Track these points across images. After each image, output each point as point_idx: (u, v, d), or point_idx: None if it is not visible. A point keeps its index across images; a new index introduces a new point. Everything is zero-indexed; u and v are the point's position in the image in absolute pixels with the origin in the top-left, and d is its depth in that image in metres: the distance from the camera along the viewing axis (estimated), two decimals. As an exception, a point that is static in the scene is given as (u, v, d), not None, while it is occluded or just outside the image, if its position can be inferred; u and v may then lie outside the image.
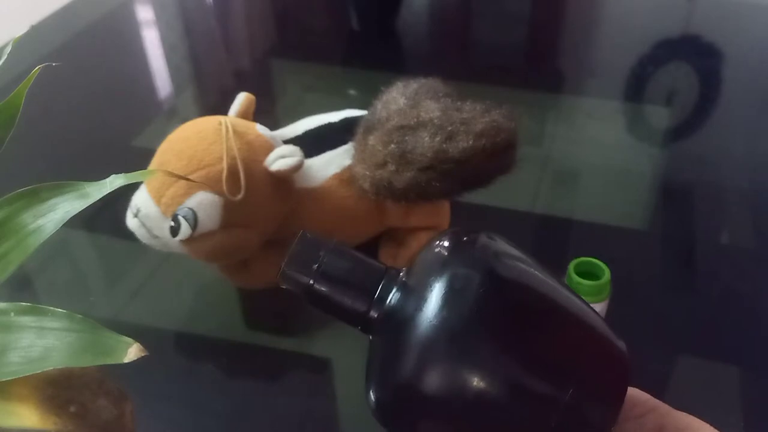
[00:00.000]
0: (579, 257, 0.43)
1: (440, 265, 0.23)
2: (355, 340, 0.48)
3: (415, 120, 0.44)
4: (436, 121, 0.44)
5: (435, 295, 0.22)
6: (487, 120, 0.44)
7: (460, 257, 0.23)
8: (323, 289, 0.24)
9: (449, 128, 0.43)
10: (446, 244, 0.24)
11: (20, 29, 0.33)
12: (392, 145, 0.44)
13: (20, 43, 0.32)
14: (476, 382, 0.21)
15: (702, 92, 0.79)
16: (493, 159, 0.44)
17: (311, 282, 0.24)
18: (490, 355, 0.21)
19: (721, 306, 0.51)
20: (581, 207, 0.61)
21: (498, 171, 0.46)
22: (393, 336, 0.23)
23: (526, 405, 0.21)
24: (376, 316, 0.24)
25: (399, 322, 0.23)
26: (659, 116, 0.75)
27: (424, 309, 0.22)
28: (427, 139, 0.43)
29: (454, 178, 0.44)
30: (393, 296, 0.24)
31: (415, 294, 0.23)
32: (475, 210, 0.56)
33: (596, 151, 0.68)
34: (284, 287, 0.25)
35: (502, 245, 0.23)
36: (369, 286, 0.24)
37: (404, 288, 0.24)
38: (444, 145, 0.43)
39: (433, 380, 0.21)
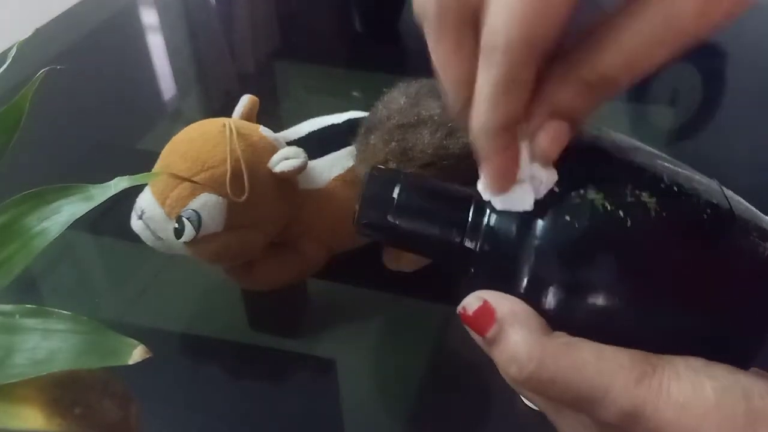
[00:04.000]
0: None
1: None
2: (360, 341, 0.48)
3: (416, 118, 0.44)
4: (436, 117, 0.44)
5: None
6: None
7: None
8: (406, 224, 0.22)
9: (450, 125, 0.44)
10: None
11: (25, 33, 0.33)
12: (393, 143, 0.44)
13: (25, 47, 0.32)
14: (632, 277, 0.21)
15: (706, 92, 0.79)
16: None
17: (391, 218, 0.22)
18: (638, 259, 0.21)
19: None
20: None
21: None
22: (507, 257, 0.21)
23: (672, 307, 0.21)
24: (473, 245, 0.22)
25: (509, 241, 0.21)
26: (663, 116, 0.75)
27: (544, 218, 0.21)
28: (427, 135, 0.43)
29: (455, 174, 0.44)
30: (490, 219, 0.22)
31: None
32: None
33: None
34: (362, 228, 0.23)
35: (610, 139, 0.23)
36: (458, 215, 0.23)
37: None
38: (444, 141, 0.43)
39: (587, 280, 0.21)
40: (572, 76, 0.20)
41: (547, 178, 0.22)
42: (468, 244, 0.22)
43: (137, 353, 0.24)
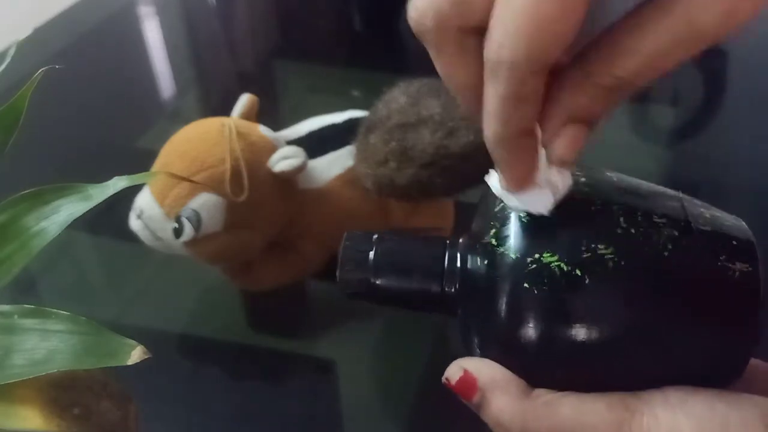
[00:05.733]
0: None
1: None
2: (360, 342, 0.48)
3: (416, 117, 0.44)
4: (436, 117, 0.44)
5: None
6: None
7: None
8: (386, 282, 0.23)
9: (450, 124, 0.43)
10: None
11: (24, 32, 0.33)
12: (393, 143, 0.44)
13: (24, 46, 0.32)
14: (610, 316, 0.21)
15: (707, 92, 0.79)
16: None
17: (372, 279, 0.23)
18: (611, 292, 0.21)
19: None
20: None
21: None
22: (490, 296, 0.22)
23: (648, 336, 0.21)
24: (453, 291, 0.23)
25: (489, 280, 0.22)
26: (664, 116, 0.75)
27: (517, 254, 0.21)
28: (427, 135, 0.43)
29: (455, 174, 0.44)
30: (467, 262, 0.23)
31: (495, 245, 0.22)
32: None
33: (601, 151, 0.68)
34: (347, 295, 0.23)
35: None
36: (434, 264, 0.23)
37: (480, 249, 0.23)
38: (445, 141, 0.43)
39: (566, 323, 0.21)
40: (588, 81, 0.20)
41: (563, 183, 0.22)
42: (448, 289, 0.23)
43: (136, 354, 0.24)
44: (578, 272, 0.21)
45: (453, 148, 0.43)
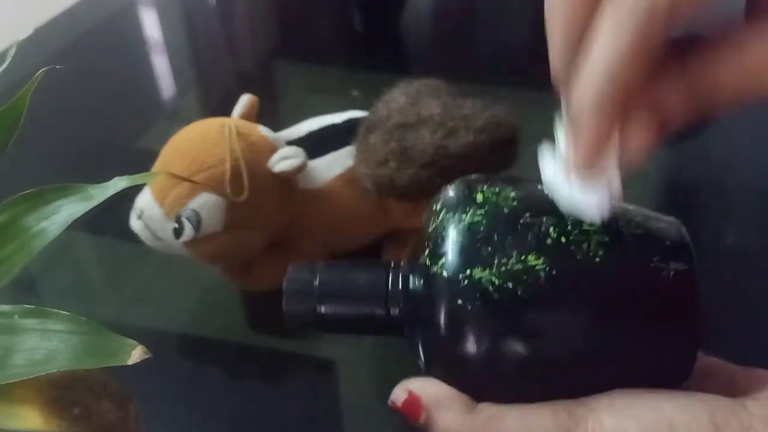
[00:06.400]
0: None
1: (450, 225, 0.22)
2: (360, 342, 0.48)
3: (416, 117, 0.44)
4: (436, 117, 0.44)
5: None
6: (488, 115, 0.44)
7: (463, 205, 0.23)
8: (332, 310, 0.23)
9: (450, 124, 0.43)
10: (440, 202, 0.24)
11: (24, 32, 0.33)
12: (393, 143, 0.44)
13: (24, 46, 0.32)
14: (553, 328, 0.21)
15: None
16: (494, 154, 0.44)
17: (317, 308, 0.23)
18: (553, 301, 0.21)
19: (726, 307, 0.51)
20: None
21: (498, 166, 0.46)
22: (429, 315, 0.22)
23: (593, 348, 0.21)
24: (398, 312, 0.23)
25: (427, 300, 0.22)
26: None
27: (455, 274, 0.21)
28: (427, 135, 0.43)
29: (455, 174, 0.44)
30: (410, 283, 0.23)
31: (434, 265, 0.22)
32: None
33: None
34: (292, 327, 0.24)
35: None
36: (377, 287, 0.23)
37: (417, 269, 0.23)
38: (444, 141, 0.43)
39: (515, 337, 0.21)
40: (684, 82, 0.19)
41: (617, 190, 0.21)
42: (393, 311, 0.23)
43: (136, 354, 0.24)
44: (510, 285, 0.21)
45: (453, 148, 0.43)
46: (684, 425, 0.20)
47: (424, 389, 0.23)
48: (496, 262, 0.21)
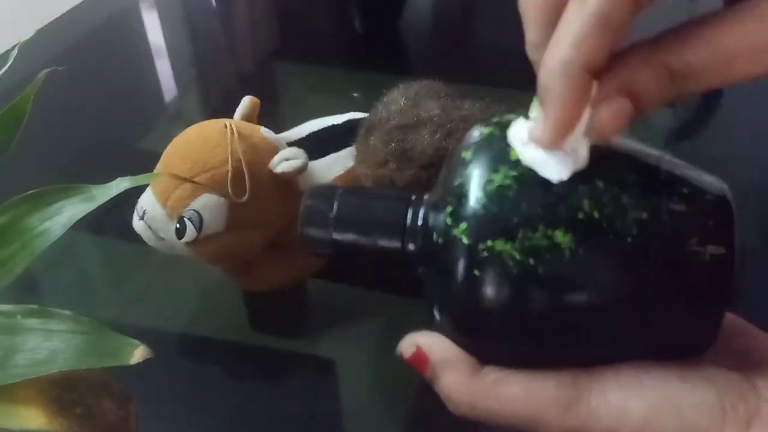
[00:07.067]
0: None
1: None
2: (360, 342, 0.48)
3: (415, 119, 0.44)
4: (435, 119, 0.44)
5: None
6: (487, 116, 0.44)
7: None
8: (347, 238, 0.22)
9: (449, 125, 0.44)
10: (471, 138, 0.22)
11: (26, 33, 0.33)
12: (393, 144, 0.44)
13: (26, 47, 0.32)
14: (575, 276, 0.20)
15: (706, 92, 0.79)
16: None
17: (333, 235, 0.22)
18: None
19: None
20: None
21: None
22: (445, 274, 0.21)
23: (618, 307, 0.20)
24: (415, 247, 0.22)
25: (445, 260, 0.21)
26: (663, 116, 0.75)
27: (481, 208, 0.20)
28: (427, 136, 0.43)
29: None
30: (430, 219, 0.22)
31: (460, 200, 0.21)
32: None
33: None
34: (308, 251, 0.23)
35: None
36: (396, 220, 0.22)
37: (438, 222, 0.22)
38: (444, 142, 0.43)
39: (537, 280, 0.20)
40: (656, 59, 0.19)
41: (582, 158, 0.21)
42: (409, 247, 0.22)
43: (138, 353, 0.25)
44: (531, 262, 0.20)
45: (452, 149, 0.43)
46: (691, 407, 0.19)
47: (432, 347, 0.23)
48: (520, 235, 0.20)
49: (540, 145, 0.21)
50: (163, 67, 0.86)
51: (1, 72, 0.31)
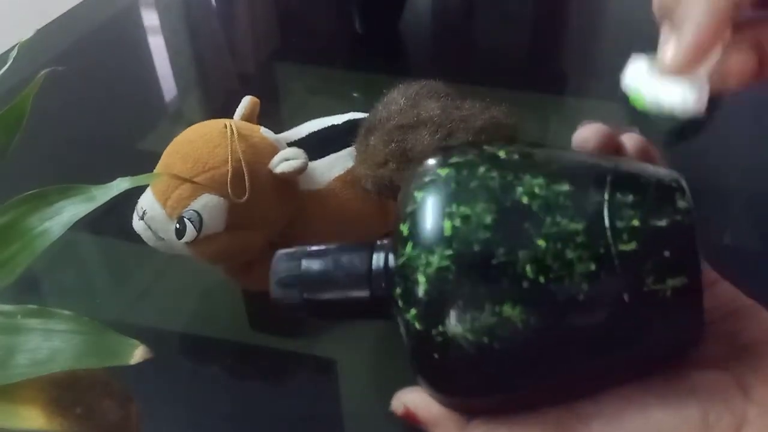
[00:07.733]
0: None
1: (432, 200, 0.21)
2: (360, 342, 0.48)
3: (415, 119, 0.44)
4: (435, 119, 0.44)
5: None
6: (487, 117, 0.44)
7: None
8: (317, 296, 0.23)
9: (449, 125, 0.44)
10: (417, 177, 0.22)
11: (26, 33, 0.33)
12: (393, 144, 0.44)
13: (26, 48, 0.32)
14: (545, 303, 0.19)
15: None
16: None
17: (303, 295, 0.23)
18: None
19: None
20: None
21: None
22: (411, 334, 0.21)
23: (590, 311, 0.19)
24: (383, 293, 0.22)
25: (410, 341, 0.21)
26: (662, 117, 0.75)
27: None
28: (427, 136, 0.43)
29: None
30: (388, 264, 0.22)
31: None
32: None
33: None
34: (283, 314, 0.23)
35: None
36: (360, 269, 0.22)
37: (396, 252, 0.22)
38: (444, 142, 0.43)
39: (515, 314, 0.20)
40: None
41: (704, 102, 0.21)
42: (377, 292, 0.22)
43: (138, 353, 0.25)
44: (485, 340, 0.19)
45: (452, 149, 0.43)
46: (673, 430, 0.20)
47: (417, 408, 0.24)
48: (468, 317, 0.19)
49: (671, 68, 0.20)
50: (163, 68, 0.86)
51: (1, 72, 0.31)
